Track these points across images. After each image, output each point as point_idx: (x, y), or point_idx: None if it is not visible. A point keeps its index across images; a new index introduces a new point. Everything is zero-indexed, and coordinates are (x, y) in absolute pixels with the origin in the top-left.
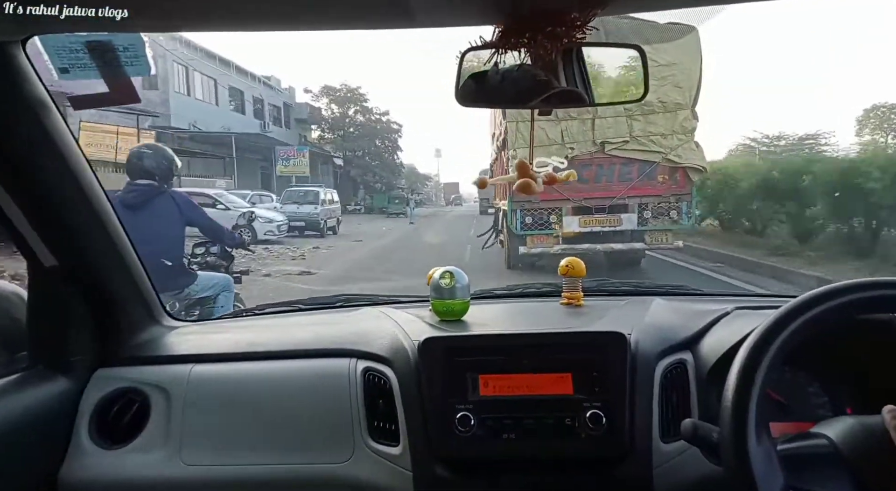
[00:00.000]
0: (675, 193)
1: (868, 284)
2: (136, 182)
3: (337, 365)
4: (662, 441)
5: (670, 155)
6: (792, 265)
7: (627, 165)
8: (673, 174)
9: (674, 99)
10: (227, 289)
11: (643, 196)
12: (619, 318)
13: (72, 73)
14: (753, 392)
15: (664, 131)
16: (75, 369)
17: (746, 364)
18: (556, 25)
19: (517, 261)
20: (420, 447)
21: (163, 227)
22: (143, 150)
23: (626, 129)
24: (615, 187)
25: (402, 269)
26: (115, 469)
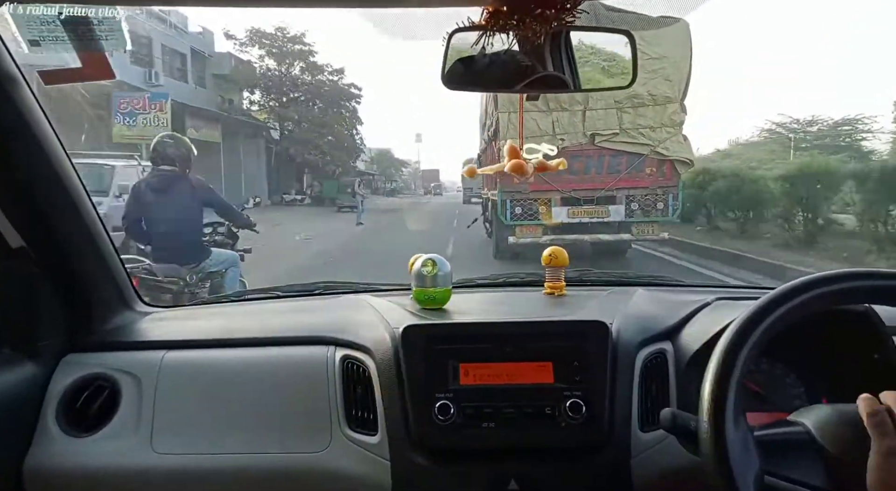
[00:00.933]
0: (662, 186)
1: (844, 275)
2: (160, 168)
3: (315, 353)
4: (641, 430)
5: (658, 147)
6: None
7: (616, 157)
8: (661, 167)
9: (663, 92)
10: (234, 265)
11: (631, 188)
12: (601, 307)
13: (43, 46)
14: (732, 381)
15: (653, 124)
16: (43, 354)
17: (725, 353)
18: (546, 8)
19: (505, 251)
20: (398, 436)
21: (183, 208)
22: (165, 140)
23: (616, 121)
24: (604, 179)
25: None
26: (83, 457)
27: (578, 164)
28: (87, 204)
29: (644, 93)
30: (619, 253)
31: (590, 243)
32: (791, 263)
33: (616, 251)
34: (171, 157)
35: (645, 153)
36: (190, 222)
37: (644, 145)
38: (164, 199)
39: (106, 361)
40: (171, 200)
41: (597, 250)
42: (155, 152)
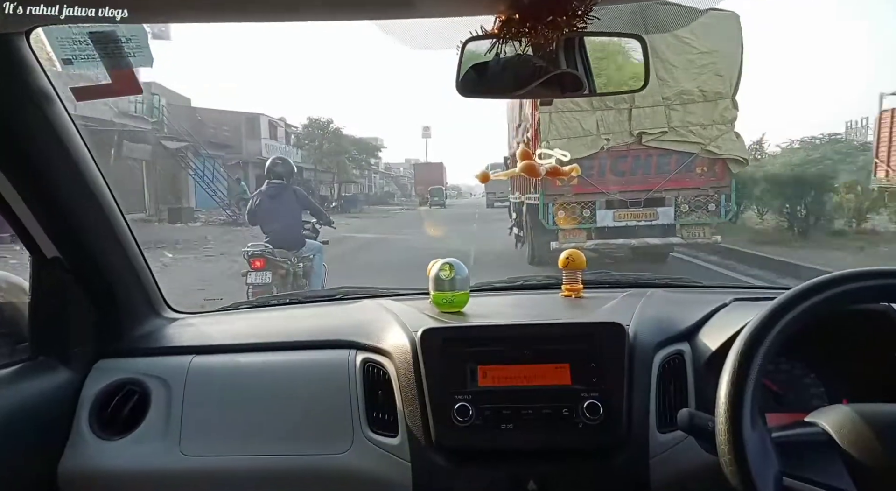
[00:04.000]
0: (714, 186)
1: (863, 273)
2: (272, 181)
3: (336, 356)
4: (659, 431)
5: (710, 146)
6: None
7: (665, 157)
8: (712, 166)
9: (714, 88)
10: (319, 252)
11: (681, 189)
12: (618, 309)
13: (75, 64)
14: (749, 381)
15: (703, 121)
16: (76, 360)
17: (742, 353)
18: (557, 15)
19: (543, 256)
20: (419, 438)
21: (289, 210)
22: (276, 161)
23: (665, 119)
24: (652, 180)
25: None
26: (114, 460)
27: (624, 164)
28: (118, 215)
29: (694, 89)
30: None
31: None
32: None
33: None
34: (280, 173)
35: (695, 152)
36: (293, 220)
37: (694, 144)
38: (275, 203)
39: (136, 367)
40: (280, 205)
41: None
42: (269, 170)
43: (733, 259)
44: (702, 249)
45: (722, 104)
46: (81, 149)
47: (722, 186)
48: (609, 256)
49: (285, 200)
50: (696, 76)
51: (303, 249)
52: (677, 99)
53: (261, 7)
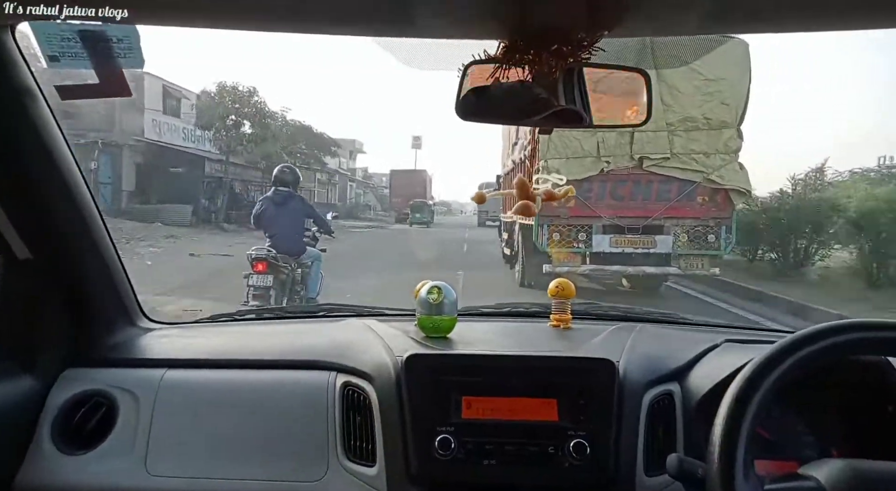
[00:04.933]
0: (715, 217)
1: (860, 324)
2: (279, 189)
3: (315, 378)
4: (646, 474)
5: (712, 175)
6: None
7: (666, 184)
8: (714, 196)
9: (719, 116)
10: (318, 259)
11: (681, 218)
12: (608, 344)
13: (62, 62)
14: (743, 430)
15: (707, 150)
16: (41, 368)
17: (737, 401)
18: (562, 44)
19: (534, 279)
20: (397, 469)
21: (293, 218)
22: (284, 169)
23: (667, 144)
24: (651, 206)
25: None
26: (75, 476)
27: (624, 189)
28: (98, 219)
29: (699, 116)
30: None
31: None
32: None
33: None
34: (287, 181)
35: (697, 180)
36: (296, 227)
37: (697, 172)
38: (281, 210)
39: (105, 378)
40: (286, 212)
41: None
42: (276, 178)
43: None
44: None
45: (727, 133)
46: (63, 149)
47: (723, 218)
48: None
49: (290, 208)
50: (702, 103)
51: (303, 255)
52: (681, 125)
53: (263, 16)
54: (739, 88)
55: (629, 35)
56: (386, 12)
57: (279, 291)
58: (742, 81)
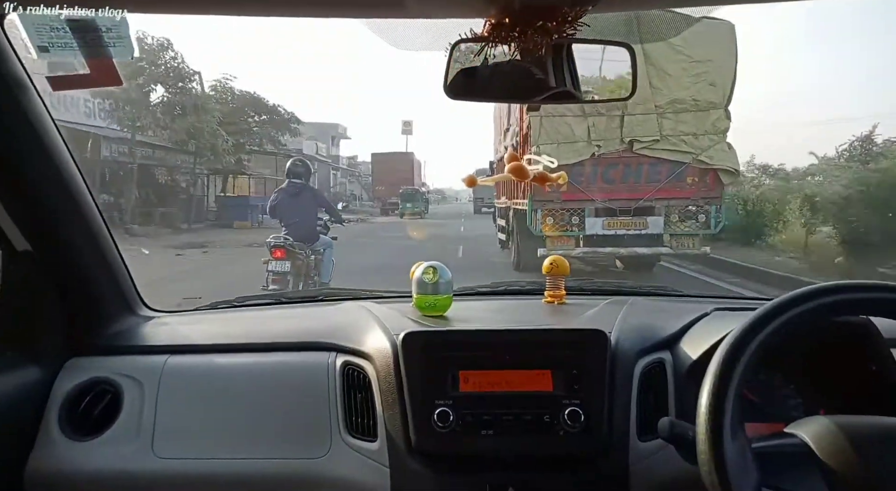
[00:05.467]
0: (705, 196)
1: (843, 286)
2: (293, 181)
3: (315, 359)
4: (639, 439)
5: (701, 156)
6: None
7: (656, 166)
8: (703, 176)
9: (707, 97)
10: (330, 246)
11: (671, 198)
12: (601, 316)
13: (52, 52)
14: (730, 392)
15: (696, 131)
16: (46, 358)
17: (723, 364)
18: (547, 20)
19: (529, 262)
20: (398, 442)
21: (306, 206)
22: (297, 162)
23: (657, 127)
24: (642, 188)
25: None
26: (84, 461)
27: (615, 172)
28: (94, 209)
29: (687, 98)
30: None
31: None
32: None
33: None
34: (300, 173)
35: (687, 161)
36: (310, 216)
37: (686, 153)
38: (295, 200)
39: (109, 366)
40: (300, 202)
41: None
42: (289, 170)
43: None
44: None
45: (714, 114)
46: (56, 139)
47: (712, 197)
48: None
49: (303, 198)
50: (690, 85)
51: (316, 243)
52: (670, 107)
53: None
54: (726, 69)
55: (613, 10)
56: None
57: (295, 276)
58: (728, 62)
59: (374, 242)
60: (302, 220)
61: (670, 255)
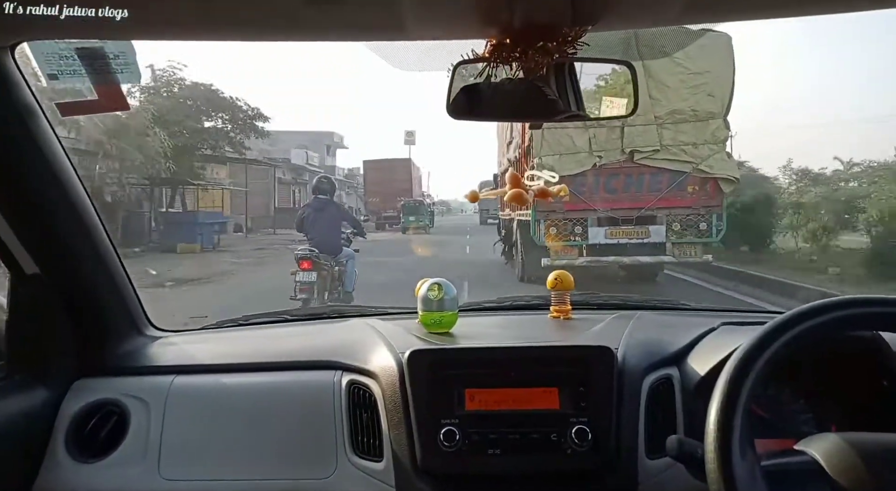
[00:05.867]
0: (706, 205)
1: (852, 301)
2: (318, 197)
3: (321, 378)
4: (648, 457)
5: (701, 165)
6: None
7: (657, 175)
8: (703, 185)
9: (706, 108)
10: (352, 258)
11: (672, 207)
12: (607, 332)
13: (61, 79)
14: (738, 408)
15: (695, 141)
16: (54, 379)
17: (731, 380)
18: (548, 40)
19: (534, 274)
20: (404, 462)
21: (332, 221)
22: (322, 179)
23: (657, 137)
24: (644, 198)
25: None
26: (91, 483)
27: (616, 182)
28: (101, 231)
29: (686, 108)
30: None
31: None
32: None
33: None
34: (326, 190)
35: (687, 171)
36: (334, 230)
37: (686, 163)
38: (320, 215)
39: (116, 386)
40: (325, 216)
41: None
42: (315, 187)
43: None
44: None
45: (713, 124)
46: (65, 164)
47: (713, 206)
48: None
49: (329, 213)
50: (689, 96)
51: (340, 254)
52: (669, 118)
53: (256, 27)
54: (724, 80)
55: (612, 28)
56: (376, 18)
57: (321, 286)
58: (726, 73)
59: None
60: (327, 234)
61: (673, 263)
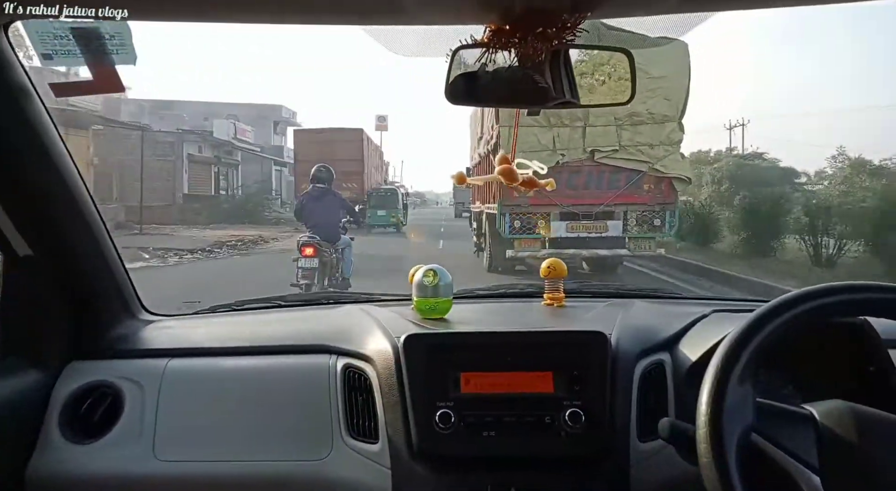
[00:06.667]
0: (660, 203)
1: (839, 288)
2: (317, 185)
3: (316, 361)
4: (640, 440)
5: (657, 165)
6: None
7: (615, 173)
8: (658, 184)
9: (662, 111)
10: (349, 245)
11: (629, 204)
12: (600, 318)
13: (55, 60)
14: (728, 393)
15: (651, 142)
16: (47, 362)
17: (722, 365)
18: (547, 27)
19: (500, 264)
20: (399, 444)
21: (331, 210)
22: (321, 169)
23: (616, 138)
24: (603, 194)
25: None
26: (85, 464)
27: (578, 179)
28: (95, 214)
29: (643, 111)
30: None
31: (584, 259)
32: None
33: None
34: (323, 179)
35: (643, 170)
36: (333, 218)
37: (642, 162)
38: (319, 203)
39: (110, 369)
40: (324, 205)
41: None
42: (313, 176)
43: None
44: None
45: (669, 126)
46: (58, 145)
47: (667, 203)
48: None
49: (327, 201)
50: (646, 99)
51: (338, 242)
52: (628, 120)
53: (252, 9)
54: (680, 85)
55: (610, 16)
56: (376, 2)
57: (321, 272)
58: (682, 79)
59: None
60: (326, 222)
61: (629, 256)
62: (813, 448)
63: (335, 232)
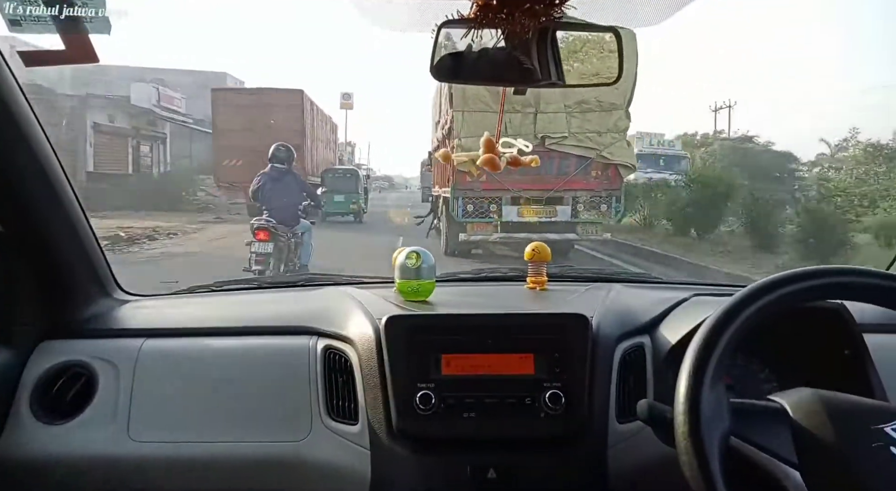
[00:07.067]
0: (607, 189)
1: (816, 272)
2: (275, 165)
3: (296, 342)
4: (618, 421)
5: (604, 152)
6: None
7: (565, 160)
8: (605, 170)
9: (609, 99)
10: (309, 230)
11: (577, 190)
12: (582, 301)
13: (24, 26)
14: (707, 376)
15: (599, 129)
16: (17, 341)
17: (701, 348)
18: (535, 2)
19: (455, 247)
20: (379, 426)
21: (290, 192)
22: (280, 147)
23: (566, 125)
24: (553, 180)
25: None
26: (56, 445)
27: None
28: (67, 188)
29: (592, 99)
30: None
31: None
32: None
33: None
34: (283, 158)
35: (591, 157)
36: (292, 200)
37: (590, 149)
38: (278, 185)
39: (83, 349)
40: (283, 186)
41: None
42: (272, 155)
43: None
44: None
45: (616, 114)
46: (27, 116)
47: (613, 189)
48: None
49: (286, 183)
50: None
51: (297, 226)
52: (577, 107)
53: None
54: (627, 74)
55: None
56: None
57: (277, 258)
58: (630, 69)
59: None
60: (285, 204)
61: (576, 240)
62: (790, 444)
63: (294, 215)
